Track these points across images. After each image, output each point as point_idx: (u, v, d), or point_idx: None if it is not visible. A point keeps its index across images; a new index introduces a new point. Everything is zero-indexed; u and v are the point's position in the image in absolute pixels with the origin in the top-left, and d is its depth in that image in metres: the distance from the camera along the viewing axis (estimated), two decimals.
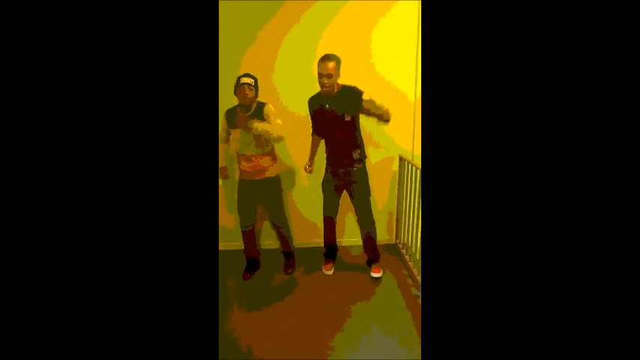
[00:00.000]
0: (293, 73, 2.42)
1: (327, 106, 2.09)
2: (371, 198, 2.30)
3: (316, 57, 2.34)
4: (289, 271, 2.40)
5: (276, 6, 2.33)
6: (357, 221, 2.37)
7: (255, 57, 2.40)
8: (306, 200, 2.67)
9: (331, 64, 1.98)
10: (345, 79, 2.21)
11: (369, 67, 2.47)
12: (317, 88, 2.12)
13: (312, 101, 2.18)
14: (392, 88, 2.51)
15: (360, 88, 2.18)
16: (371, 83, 2.45)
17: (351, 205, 2.34)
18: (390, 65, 2.48)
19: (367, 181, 2.24)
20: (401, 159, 2.58)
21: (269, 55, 2.41)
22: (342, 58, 2.06)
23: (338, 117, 2.08)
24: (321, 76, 2.00)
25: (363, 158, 2.20)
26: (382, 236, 2.80)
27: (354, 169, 2.18)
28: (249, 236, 2.36)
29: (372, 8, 2.37)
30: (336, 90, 2.07)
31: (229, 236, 2.67)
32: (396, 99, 2.53)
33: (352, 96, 2.04)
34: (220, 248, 2.63)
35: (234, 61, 2.38)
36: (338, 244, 2.61)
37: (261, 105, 2.11)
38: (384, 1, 2.37)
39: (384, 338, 1.77)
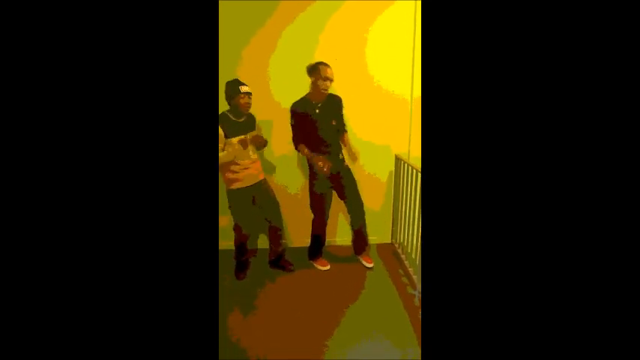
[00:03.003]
0: (290, 71, 2.42)
1: (317, 111, 2.16)
2: (368, 198, 2.33)
3: (313, 55, 2.34)
4: (290, 267, 2.43)
5: (273, 6, 2.33)
6: (350, 217, 2.42)
7: (254, 55, 2.39)
8: (295, 201, 2.68)
9: (331, 70, 2.09)
10: (342, 78, 2.22)
11: (365, 66, 2.47)
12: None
13: (299, 106, 2.17)
14: (388, 88, 2.52)
15: (356, 87, 2.20)
16: (367, 82, 2.46)
17: (334, 207, 2.41)
18: (386, 65, 2.48)
19: (354, 179, 2.35)
20: (397, 159, 2.59)
21: (266, 53, 2.40)
22: (338, 58, 2.08)
23: (327, 121, 2.18)
24: (326, 79, 2.07)
25: (344, 159, 2.32)
26: (378, 236, 2.81)
27: (344, 168, 2.29)
28: (246, 239, 2.37)
29: (368, 8, 2.38)
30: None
31: (228, 234, 2.66)
32: (392, 98, 2.54)
33: (336, 102, 2.22)
34: (219, 247, 2.62)
35: (232, 60, 2.38)
36: (328, 244, 2.68)
37: (252, 116, 2.19)
38: (381, 1, 2.38)
39: (381, 337, 1.77)
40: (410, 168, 2.25)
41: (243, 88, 2.02)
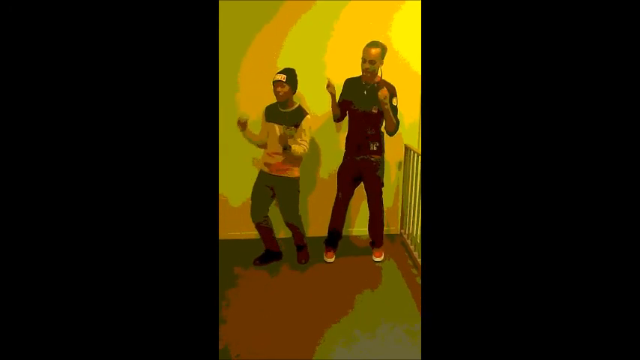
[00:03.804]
0: (297, 71, 2.39)
1: (365, 92, 2.10)
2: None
3: (323, 53, 2.31)
4: (303, 261, 2.41)
5: (276, 5, 2.30)
6: (369, 209, 2.39)
7: (258, 56, 2.36)
8: (316, 191, 2.67)
9: (375, 51, 1.99)
10: (349, 73, 2.19)
11: None
12: (320, 86, 2.13)
13: (349, 84, 2.17)
14: (400, 80, 2.47)
15: None
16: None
17: (363, 197, 2.37)
18: (398, 59, 2.46)
19: (382, 173, 2.27)
20: (406, 149, 2.56)
21: (272, 52, 2.37)
22: (346, 57, 2.05)
23: (366, 107, 2.11)
24: (364, 60, 2.00)
25: (381, 151, 2.23)
26: (387, 226, 2.79)
27: (372, 159, 2.21)
28: (264, 229, 2.35)
29: (374, 8, 2.35)
30: (376, 81, 2.09)
31: (229, 226, 2.66)
32: (404, 89, 2.49)
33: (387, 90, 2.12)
34: (221, 238, 2.63)
35: (235, 59, 2.36)
36: (348, 233, 2.67)
37: (302, 113, 2.11)
38: (387, 1, 2.35)
39: (389, 327, 1.78)
40: (419, 158, 2.22)
41: (275, 77, 2.02)
